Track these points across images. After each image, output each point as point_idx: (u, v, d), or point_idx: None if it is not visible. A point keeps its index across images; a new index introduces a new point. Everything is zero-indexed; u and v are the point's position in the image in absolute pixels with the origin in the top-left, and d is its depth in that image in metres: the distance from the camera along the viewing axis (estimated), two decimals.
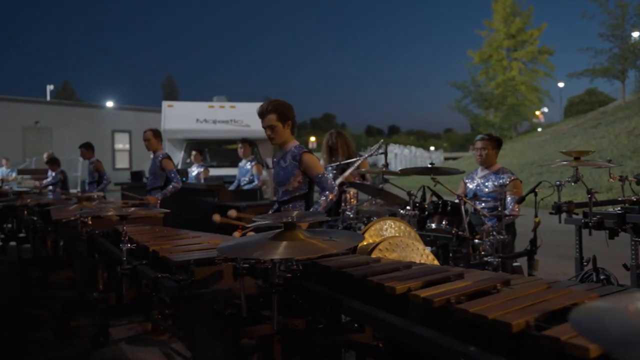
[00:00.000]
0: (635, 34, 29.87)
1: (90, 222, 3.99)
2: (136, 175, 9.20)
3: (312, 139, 54.58)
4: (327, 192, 3.42)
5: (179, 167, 12.61)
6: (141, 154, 23.66)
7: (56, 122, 22.25)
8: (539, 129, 44.75)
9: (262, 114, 3.54)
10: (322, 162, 6.14)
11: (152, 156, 6.04)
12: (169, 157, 5.97)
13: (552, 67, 42.99)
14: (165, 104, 12.88)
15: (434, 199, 4.23)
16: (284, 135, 3.55)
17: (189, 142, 12.64)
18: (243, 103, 13.32)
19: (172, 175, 5.82)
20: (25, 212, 4.99)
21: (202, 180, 8.72)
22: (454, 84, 43.54)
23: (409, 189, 4.13)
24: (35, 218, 4.88)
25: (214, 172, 9.92)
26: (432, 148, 68.72)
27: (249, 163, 7.33)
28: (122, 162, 23.80)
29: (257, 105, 13.11)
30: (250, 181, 7.25)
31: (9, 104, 21.09)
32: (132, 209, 2.78)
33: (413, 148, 51.57)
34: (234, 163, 12.68)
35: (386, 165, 4.51)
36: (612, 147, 19.69)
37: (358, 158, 5.59)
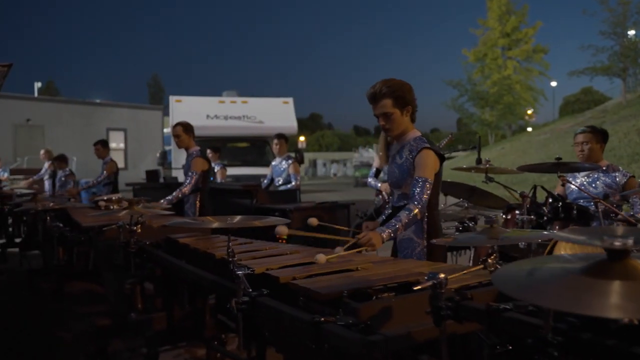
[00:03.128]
0: (631, 32, 29.63)
1: (139, 231, 3.29)
2: (152, 175, 8.42)
3: (302, 138, 53.76)
4: (411, 205, 2.63)
5: None
6: (137, 153, 22.73)
7: (48, 120, 21.30)
8: (529, 129, 44.57)
9: (373, 99, 2.82)
10: (376, 161, 5.48)
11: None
12: (201, 156, 5.26)
13: (547, 65, 42.85)
14: (172, 98, 12.10)
15: (551, 200, 3.57)
16: (402, 124, 2.84)
17: (198, 139, 11.87)
18: (255, 98, 12.60)
19: (188, 178, 5.11)
20: (48, 217, 4.23)
21: (219, 180, 8.02)
22: (450, 82, 43.12)
23: (521, 190, 3.46)
24: (61, 224, 4.14)
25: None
26: None
27: (284, 161, 6.61)
28: (117, 161, 22.75)
29: (269, 101, 12.45)
30: (286, 181, 6.53)
31: None
32: (238, 218, 2.08)
33: None
34: (246, 162, 11.98)
35: (486, 160, 3.83)
36: (624, 145, 19.28)
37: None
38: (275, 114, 12.03)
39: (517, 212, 3.50)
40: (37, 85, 30.55)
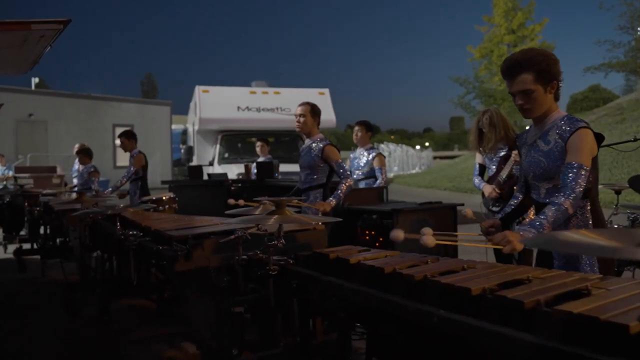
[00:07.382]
0: None
1: (281, 245, 2.30)
2: (195, 171, 7.41)
3: None
4: (561, 197, 2.19)
5: (216, 162, 10.81)
6: (144, 150, 21.36)
7: (52, 115, 20.11)
8: (527, 127, 43.85)
9: (509, 72, 2.32)
10: (478, 156, 4.66)
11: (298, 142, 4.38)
12: (332, 144, 4.38)
13: None
14: (199, 88, 11.08)
15: None
16: (544, 103, 2.34)
17: (226, 133, 10.86)
18: (288, 89, 11.57)
19: (341, 169, 4.26)
20: (118, 224, 3.20)
21: None
22: (457, 80, 42.26)
23: None
24: (140, 233, 3.13)
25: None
26: (417, 147, 67.65)
27: (366, 153, 5.59)
28: (124, 159, 21.70)
29: (304, 92, 11.25)
30: (368, 176, 5.52)
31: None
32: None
33: (404, 146, 50.52)
34: (276, 159, 10.95)
35: None
36: None
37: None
38: None
39: None
40: (35, 80, 29.36)
